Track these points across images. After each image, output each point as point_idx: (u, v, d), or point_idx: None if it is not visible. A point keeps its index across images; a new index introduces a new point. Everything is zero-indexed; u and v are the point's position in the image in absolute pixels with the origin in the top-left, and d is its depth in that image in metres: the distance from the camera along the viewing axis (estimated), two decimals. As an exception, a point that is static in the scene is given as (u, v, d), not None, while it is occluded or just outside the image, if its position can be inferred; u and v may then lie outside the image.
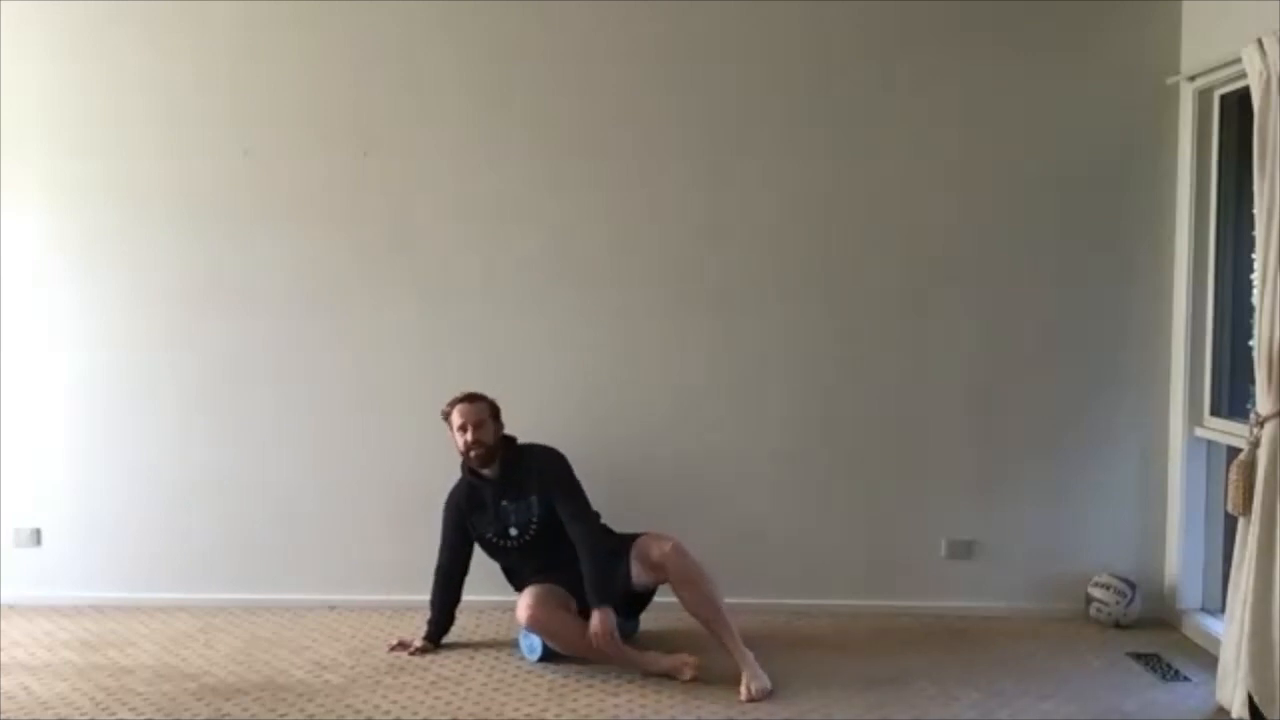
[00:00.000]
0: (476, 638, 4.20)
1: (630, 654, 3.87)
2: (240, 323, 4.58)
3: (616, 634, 3.82)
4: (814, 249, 4.50)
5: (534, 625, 3.89)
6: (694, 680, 3.76)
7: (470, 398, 4.07)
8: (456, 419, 4.04)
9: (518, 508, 4.04)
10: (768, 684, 3.68)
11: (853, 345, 4.51)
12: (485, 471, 4.07)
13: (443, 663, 4.00)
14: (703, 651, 3.85)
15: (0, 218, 4.59)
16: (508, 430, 4.12)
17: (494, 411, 4.09)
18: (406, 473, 4.57)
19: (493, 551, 4.13)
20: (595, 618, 3.79)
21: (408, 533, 4.53)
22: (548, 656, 3.96)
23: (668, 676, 3.80)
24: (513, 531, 4.05)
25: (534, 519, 4.03)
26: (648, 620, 4.18)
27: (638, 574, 3.96)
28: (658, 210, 4.52)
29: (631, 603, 4.06)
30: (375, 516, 4.60)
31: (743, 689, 3.65)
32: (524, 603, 3.90)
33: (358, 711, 3.57)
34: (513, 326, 4.55)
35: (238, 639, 4.24)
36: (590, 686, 3.77)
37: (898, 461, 4.53)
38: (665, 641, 4.05)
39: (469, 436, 4.01)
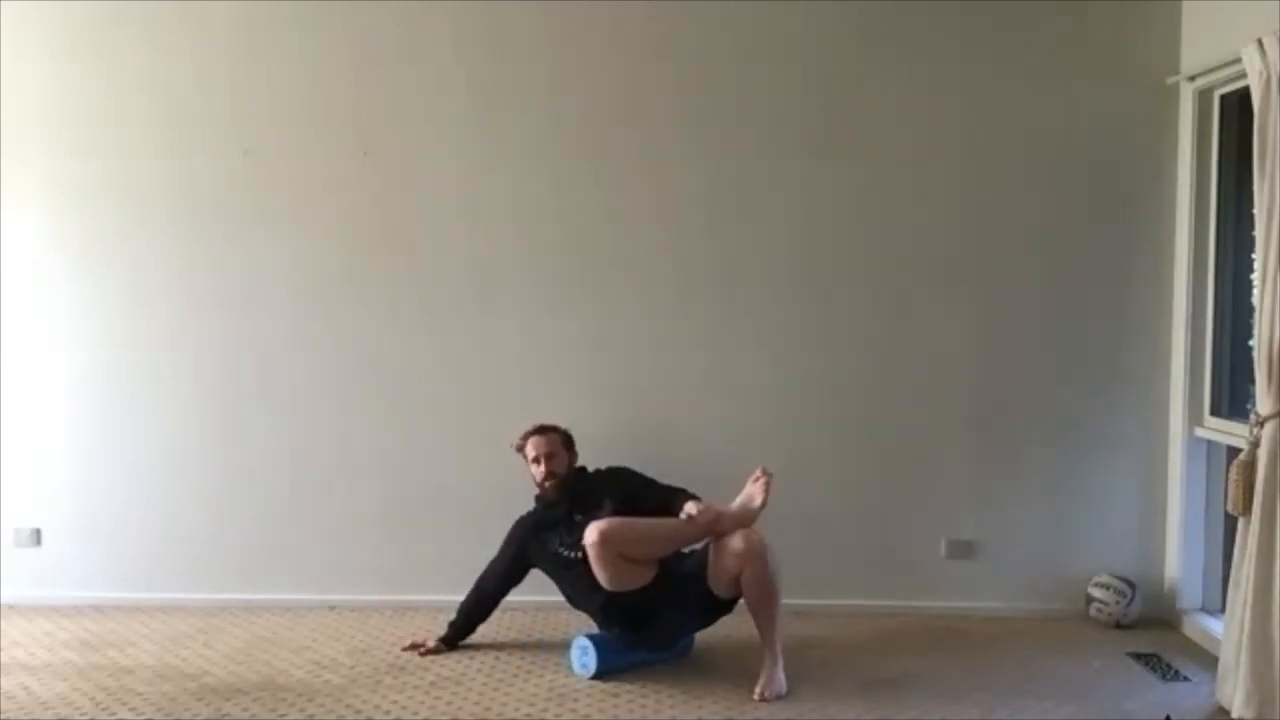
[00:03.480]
0: (477, 638, 4.19)
1: (726, 514, 3.79)
2: (240, 323, 4.58)
3: (715, 507, 3.79)
4: (814, 249, 4.50)
5: (607, 538, 3.67)
6: (763, 503, 3.77)
7: (541, 430, 4.13)
8: (530, 451, 4.11)
9: (591, 517, 3.88)
10: (783, 690, 3.66)
11: (853, 345, 4.51)
12: (558, 498, 4.07)
13: (443, 663, 4.00)
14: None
15: (0, 218, 4.59)
16: None
17: (566, 441, 4.15)
18: (407, 473, 4.58)
19: (564, 568, 3.96)
20: (692, 505, 3.78)
21: (408, 533, 4.55)
22: (601, 674, 3.81)
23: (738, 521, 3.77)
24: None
25: None
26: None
27: (715, 580, 3.78)
28: (658, 210, 4.52)
29: (706, 611, 3.89)
30: (375, 516, 4.59)
31: (756, 689, 3.65)
32: (591, 529, 3.71)
33: (358, 711, 3.57)
34: (513, 326, 4.55)
35: (238, 639, 4.24)
36: (590, 687, 3.77)
37: (898, 461, 4.53)
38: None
39: (544, 468, 4.06)
